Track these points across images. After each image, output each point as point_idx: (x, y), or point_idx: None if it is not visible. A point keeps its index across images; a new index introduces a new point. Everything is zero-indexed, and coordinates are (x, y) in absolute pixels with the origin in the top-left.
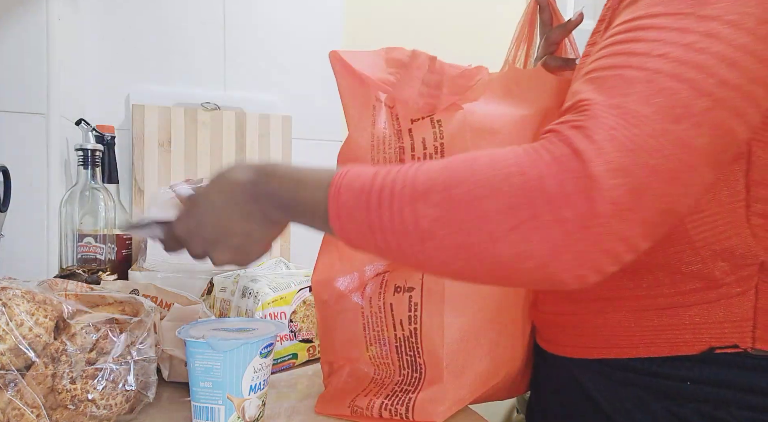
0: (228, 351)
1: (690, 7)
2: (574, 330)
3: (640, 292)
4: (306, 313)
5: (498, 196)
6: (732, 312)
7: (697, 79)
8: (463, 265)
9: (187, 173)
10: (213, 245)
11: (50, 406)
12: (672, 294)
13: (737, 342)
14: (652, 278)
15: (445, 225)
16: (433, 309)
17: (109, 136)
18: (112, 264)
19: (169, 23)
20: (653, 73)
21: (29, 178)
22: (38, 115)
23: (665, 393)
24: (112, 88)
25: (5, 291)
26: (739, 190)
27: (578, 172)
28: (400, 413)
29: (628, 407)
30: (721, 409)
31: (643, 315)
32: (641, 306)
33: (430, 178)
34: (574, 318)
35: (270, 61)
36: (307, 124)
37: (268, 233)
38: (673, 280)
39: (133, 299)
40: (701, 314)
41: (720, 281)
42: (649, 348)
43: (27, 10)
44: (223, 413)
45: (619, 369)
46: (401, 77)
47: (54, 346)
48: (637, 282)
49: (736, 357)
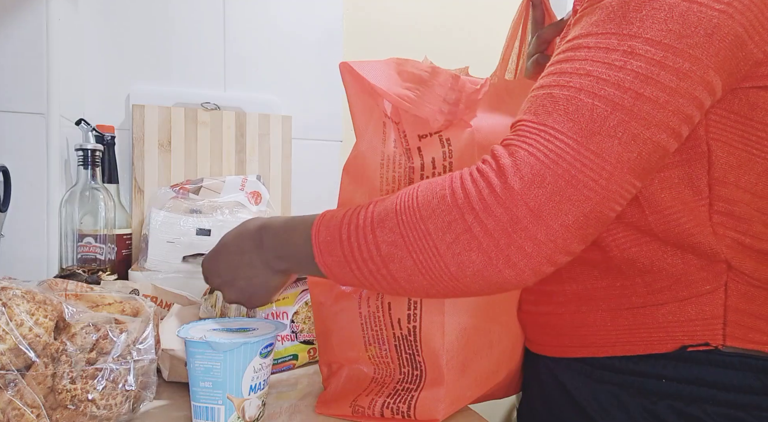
0: (228, 351)
1: (617, 26)
2: (553, 330)
3: (614, 291)
4: (308, 314)
5: (436, 215)
6: (703, 310)
7: (614, 94)
8: (426, 282)
9: (187, 173)
10: (225, 284)
11: (50, 406)
12: (645, 293)
13: (708, 340)
14: (624, 277)
15: (401, 247)
16: (433, 308)
17: (109, 136)
18: (112, 264)
19: (169, 23)
20: (576, 91)
21: (29, 178)
22: (38, 115)
23: (641, 390)
24: (112, 88)
25: (5, 291)
26: (702, 189)
27: (498, 186)
28: (402, 411)
29: (605, 405)
30: (694, 406)
31: (618, 314)
32: (616, 306)
33: (385, 209)
34: (552, 318)
35: (270, 61)
36: (307, 124)
37: (269, 281)
38: (645, 280)
39: (133, 299)
40: (673, 312)
41: (690, 277)
42: (625, 346)
43: (27, 10)
44: (223, 413)
45: (597, 368)
46: (421, 94)
47: (54, 346)
48: (610, 281)
49: (708, 355)
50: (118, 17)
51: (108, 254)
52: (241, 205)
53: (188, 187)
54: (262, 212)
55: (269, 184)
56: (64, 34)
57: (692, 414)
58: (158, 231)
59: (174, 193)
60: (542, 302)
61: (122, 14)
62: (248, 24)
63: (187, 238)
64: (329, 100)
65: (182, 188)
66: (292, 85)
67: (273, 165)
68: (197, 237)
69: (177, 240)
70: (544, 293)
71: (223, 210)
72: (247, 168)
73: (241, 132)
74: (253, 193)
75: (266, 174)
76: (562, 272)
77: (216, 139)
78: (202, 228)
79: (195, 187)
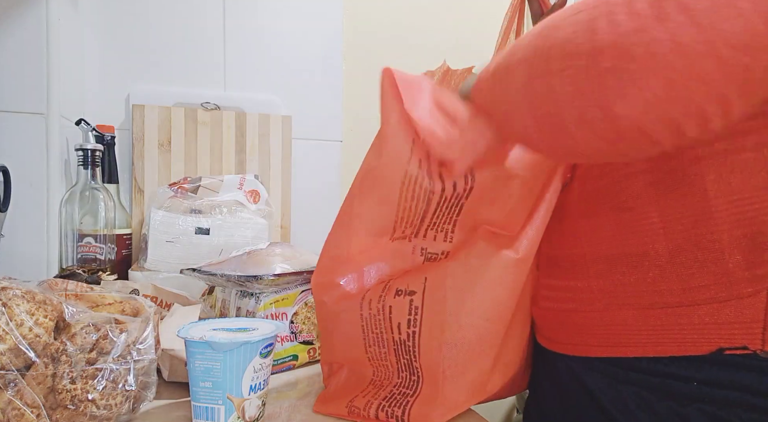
0: (228, 351)
1: None
2: (577, 328)
3: (646, 288)
4: (307, 315)
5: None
6: (742, 313)
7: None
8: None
9: (187, 173)
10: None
11: (50, 406)
12: (680, 290)
13: (747, 344)
14: (658, 272)
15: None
16: (433, 315)
17: (109, 136)
18: (112, 264)
19: (169, 23)
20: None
21: (29, 178)
22: (38, 115)
23: (670, 393)
24: (112, 88)
25: (5, 291)
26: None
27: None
28: (396, 416)
29: (631, 407)
30: (726, 410)
31: (650, 312)
32: (648, 304)
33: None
34: (576, 315)
35: (270, 61)
36: (307, 124)
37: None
38: (681, 275)
39: (133, 299)
40: (711, 314)
41: (733, 276)
42: (656, 347)
43: (27, 10)
44: (223, 413)
45: (623, 369)
46: (452, 138)
47: (54, 346)
48: (640, 276)
49: (745, 359)
50: (118, 17)
51: (108, 254)
52: (240, 203)
53: (186, 186)
54: (261, 211)
55: (269, 184)
56: (64, 34)
57: (725, 419)
58: (157, 230)
59: (172, 193)
60: (565, 298)
61: (122, 14)
62: (248, 24)
63: (186, 238)
64: (329, 100)
65: (181, 187)
66: (292, 85)
67: (273, 165)
68: (196, 237)
69: (176, 240)
70: (567, 289)
71: (222, 209)
72: (247, 168)
73: (241, 132)
74: (252, 191)
75: (266, 174)
76: (589, 266)
77: (216, 139)
78: (201, 227)
79: (193, 186)
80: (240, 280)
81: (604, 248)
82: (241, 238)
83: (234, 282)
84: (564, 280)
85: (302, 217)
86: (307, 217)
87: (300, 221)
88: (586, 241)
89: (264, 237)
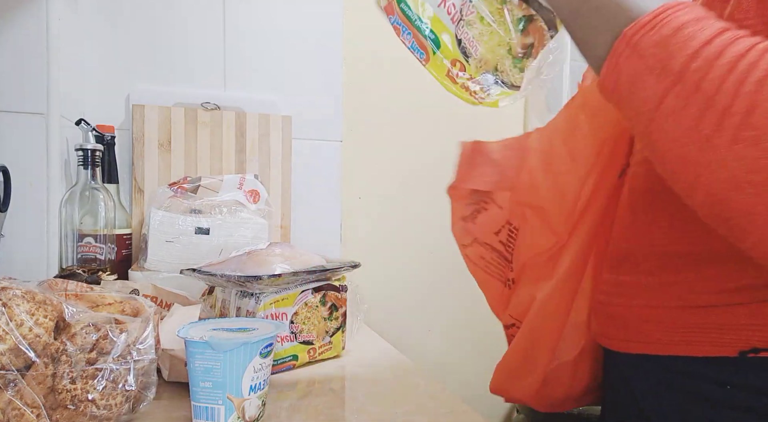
0: (228, 351)
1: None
2: (620, 323)
3: (685, 287)
4: (307, 315)
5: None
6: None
7: None
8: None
9: (187, 173)
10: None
11: (50, 406)
12: (716, 290)
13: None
14: (703, 269)
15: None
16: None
17: (109, 136)
18: (112, 264)
19: (169, 23)
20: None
21: (29, 178)
22: (38, 115)
23: (705, 396)
24: (112, 88)
25: (5, 291)
26: None
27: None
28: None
29: (665, 410)
30: (757, 419)
31: (686, 311)
32: (686, 302)
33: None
34: (621, 310)
35: (270, 61)
36: (307, 124)
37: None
38: (719, 272)
39: (133, 299)
40: (749, 315)
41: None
42: (689, 346)
43: (27, 10)
44: (223, 413)
45: (661, 369)
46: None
47: (54, 346)
48: (683, 275)
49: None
50: (118, 17)
51: (108, 254)
52: (239, 203)
53: (186, 186)
54: (261, 210)
55: (269, 184)
56: (64, 34)
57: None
58: (157, 230)
59: (172, 193)
60: (615, 293)
61: (122, 14)
62: (248, 24)
63: (186, 238)
64: (329, 100)
65: (180, 187)
66: (292, 85)
67: (273, 165)
68: (196, 237)
69: (176, 240)
70: (618, 284)
71: (221, 209)
72: (247, 168)
73: (241, 132)
74: (251, 191)
75: (266, 174)
76: (640, 262)
77: (216, 139)
78: (201, 227)
79: (193, 186)
80: (240, 280)
81: (657, 245)
82: (241, 238)
83: (234, 283)
84: (617, 274)
85: (302, 217)
86: (307, 217)
87: (300, 221)
88: (641, 237)
89: (264, 237)
